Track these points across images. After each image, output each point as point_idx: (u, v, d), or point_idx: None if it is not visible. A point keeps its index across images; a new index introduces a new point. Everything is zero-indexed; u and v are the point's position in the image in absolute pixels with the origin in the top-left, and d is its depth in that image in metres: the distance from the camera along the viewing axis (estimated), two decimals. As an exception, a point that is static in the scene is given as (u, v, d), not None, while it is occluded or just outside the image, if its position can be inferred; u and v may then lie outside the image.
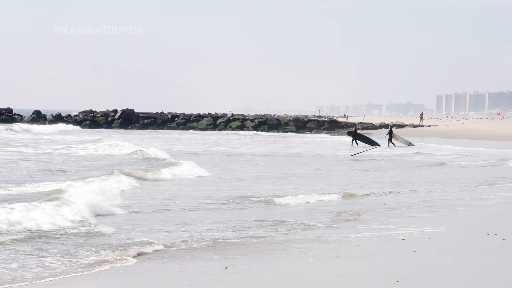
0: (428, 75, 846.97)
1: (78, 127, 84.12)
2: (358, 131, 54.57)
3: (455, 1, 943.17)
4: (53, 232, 12.76)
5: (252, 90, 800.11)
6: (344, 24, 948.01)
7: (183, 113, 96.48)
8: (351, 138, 51.28)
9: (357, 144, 49.58)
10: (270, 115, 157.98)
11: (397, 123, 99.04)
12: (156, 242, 12.04)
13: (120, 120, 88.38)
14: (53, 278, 9.64)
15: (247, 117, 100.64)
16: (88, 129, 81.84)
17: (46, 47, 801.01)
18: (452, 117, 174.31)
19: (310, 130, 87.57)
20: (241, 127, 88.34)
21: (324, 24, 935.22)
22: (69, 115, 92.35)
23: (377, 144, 49.17)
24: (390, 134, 50.10)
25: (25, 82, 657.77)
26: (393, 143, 49.11)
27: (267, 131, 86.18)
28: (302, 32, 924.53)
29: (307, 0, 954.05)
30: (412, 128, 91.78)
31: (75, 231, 12.98)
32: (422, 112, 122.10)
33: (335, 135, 78.03)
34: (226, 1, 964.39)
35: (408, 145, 47.96)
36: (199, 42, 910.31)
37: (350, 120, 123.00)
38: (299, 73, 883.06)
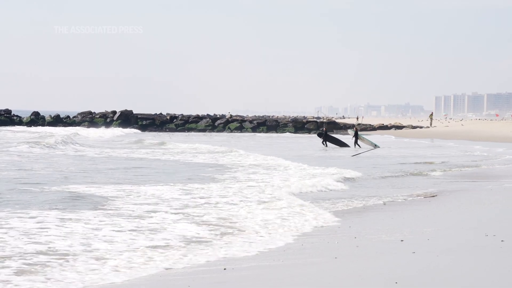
0: (426, 76, 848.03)
1: (138, 131, 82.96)
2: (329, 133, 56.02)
3: (454, 2, 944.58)
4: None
5: (251, 91, 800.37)
6: (343, 24, 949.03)
7: (182, 114, 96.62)
8: (321, 140, 52.00)
9: (326, 145, 50.34)
10: (269, 116, 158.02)
11: (395, 124, 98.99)
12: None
13: (119, 121, 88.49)
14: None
15: (245, 118, 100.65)
16: (149, 133, 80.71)
17: (46, 47, 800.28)
18: (451, 118, 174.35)
19: (309, 131, 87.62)
20: (240, 128, 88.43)
21: (323, 24, 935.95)
22: (68, 116, 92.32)
23: (347, 145, 50.06)
24: (356, 135, 50.72)
25: (24, 83, 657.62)
26: (358, 145, 49.70)
27: (266, 132, 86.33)
28: (301, 32, 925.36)
29: (305, 0, 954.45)
30: (411, 129, 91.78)
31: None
32: (432, 113, 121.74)
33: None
34: (224, 2, 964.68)
35: (374, 147, 48.49)
36: (197, 43, 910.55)
37: (359, 121, 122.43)
38: (298, 74, 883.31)
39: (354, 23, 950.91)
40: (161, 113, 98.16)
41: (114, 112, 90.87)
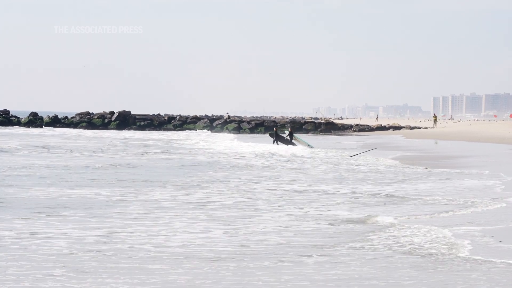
0: (424, 76, 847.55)
1: (232, 134, 78.01)
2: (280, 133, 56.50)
3: (452, 3, 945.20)
4: None
5: (249, 92, 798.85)
6: (341, 25, 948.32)
7: (180, 115, 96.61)
8: (273, 139, 52.53)
9: (277, 144, 50.78)
10: (267, 117, 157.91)
11: (393, 125, 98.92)
12: None
13: (117, 122, 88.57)
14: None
15: (243, 119, 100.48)
16: (239, 135, 78.18)
17: (46, 47, 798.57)
18: (449, 119, 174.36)
19: (306, 131, 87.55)
20: (238, 129, 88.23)
21: (321, 25, 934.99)
22: (66, 117, 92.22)
23: (295, 145, 50.77)
24: (291, 135, 52.07)
25: (24, 83, 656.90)
26: (294, 144, 50.93)
27: (264, 133, 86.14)
28: (298, 33, 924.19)
29: (302, 1, 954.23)
30: (409, 130, 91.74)
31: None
32: (435, 114, 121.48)
33: (332, 136, 78.18)
34: (220, 3, 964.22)
35: (308, 146, 49.34)
36: (194, 44, 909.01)
37: (364, 121, 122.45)
38: (296, 75, 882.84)
39: (351, 24, 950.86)
40: (159, 114, 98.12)
41: (112, 113, 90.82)
